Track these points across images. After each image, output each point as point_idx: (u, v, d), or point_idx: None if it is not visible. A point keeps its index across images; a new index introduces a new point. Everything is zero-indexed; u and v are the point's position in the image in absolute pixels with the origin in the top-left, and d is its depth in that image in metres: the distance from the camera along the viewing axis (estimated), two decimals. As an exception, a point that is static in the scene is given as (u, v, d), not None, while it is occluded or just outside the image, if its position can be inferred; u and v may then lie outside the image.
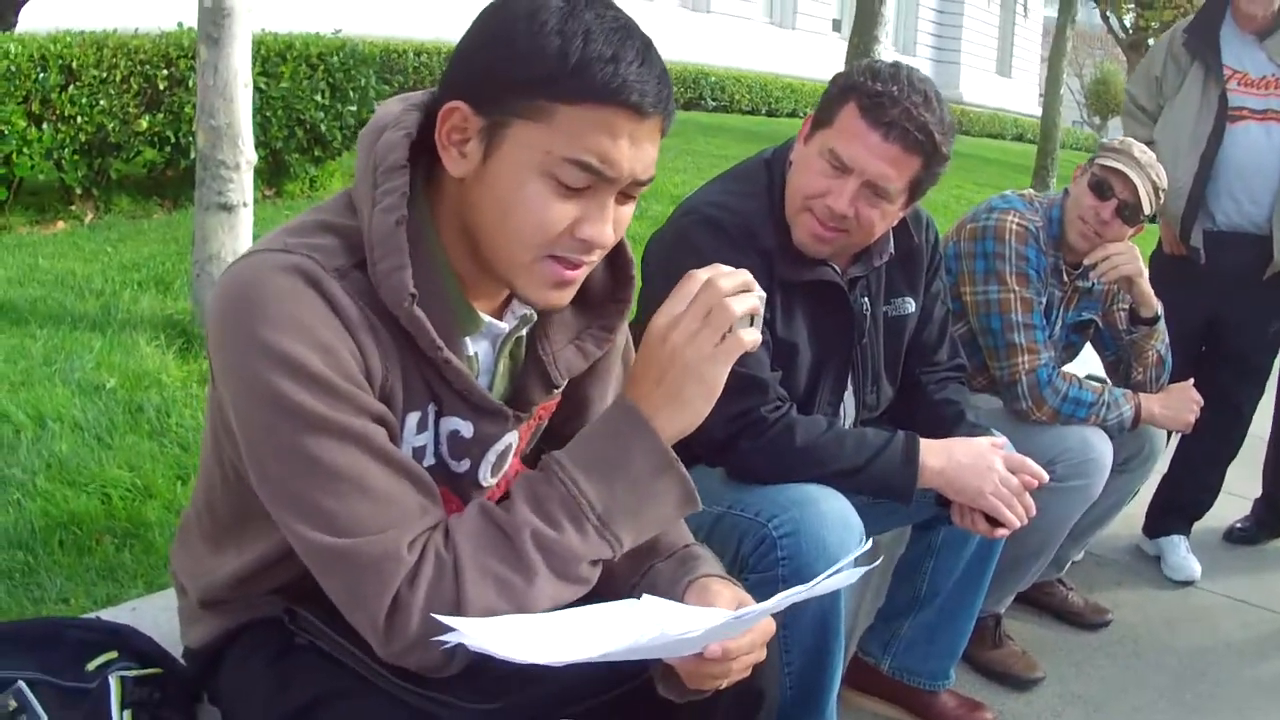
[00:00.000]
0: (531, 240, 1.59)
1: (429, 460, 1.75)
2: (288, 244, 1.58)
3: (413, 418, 1.69)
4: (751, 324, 1.64)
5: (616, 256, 1.86)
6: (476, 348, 1.76)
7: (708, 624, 1.54)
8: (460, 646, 1.46)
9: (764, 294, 1.66)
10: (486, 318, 1.74)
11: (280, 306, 1.52)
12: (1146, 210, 3.55)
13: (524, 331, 1.82)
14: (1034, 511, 2.72)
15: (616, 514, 1.61)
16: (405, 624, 1.52)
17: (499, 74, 1.54)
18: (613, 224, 1.63)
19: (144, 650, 2.02)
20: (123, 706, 1.84)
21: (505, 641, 1.43)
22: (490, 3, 1.61)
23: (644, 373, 1.64)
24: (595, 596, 1.74)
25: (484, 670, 1.53)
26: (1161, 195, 3.60)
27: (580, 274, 1.67)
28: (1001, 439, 2.83)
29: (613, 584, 1.80)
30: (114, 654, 1.96)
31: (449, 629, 1.45)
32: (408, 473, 1.60)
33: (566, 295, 1.69)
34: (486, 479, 1.84)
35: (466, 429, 1.75)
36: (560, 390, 1.92)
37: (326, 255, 1.57)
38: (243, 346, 1.53)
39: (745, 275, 1.63)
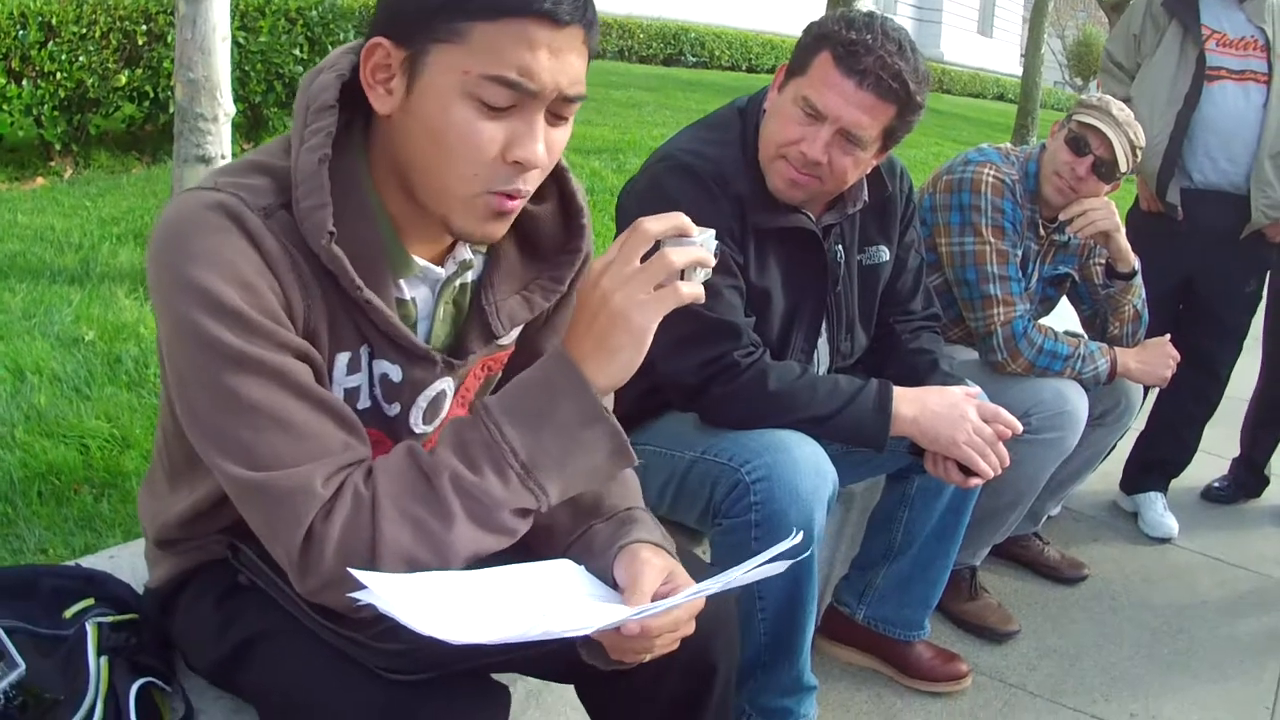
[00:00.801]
0: (464, 168, 1.56)
1: (364, 402, 1.75)
2: (217, 183, 1.58)
3: (342, 358, 1.69)
4: (697, 275, 1.58)
5: (569, 205, 1.85)
6: (415, 293, 1.75)
7: (599, 623, 1.52)
8: (358, 600, 1.45)
9: (711, 243, 1.60)
10: (422, 262, 1.72)
11: (202, 242, 1.51)
12: (1123, 168, 3.55)
13: (470, 279, 1.81)
14: (1008, 462, 2.74)
15: (541, 463, 1.57)
16: (319, 559, 1.51)
17: (412, 3, 1.53)
18: (545, 145, 1.59)
19: (120, 596, 2.02)
20: (99, 652, 1.84)
21: (411, 608, 1.40)
22: None
23: (578, 318, 1.60)
24: (533, 554, 1.74)
25: None
26: (1139, 153, 3.60)
27: (517, 205, 1.63)
28: (975, 388, 2.83)
29: (552, 541, 1.81)
30: (90, 601, 1.96)
31: (361, 585, 1.43)
32: (328, 409, 1.58)
33: (502, 227, 1.66)
34: (419, 425, 1.83)
35: (395, 373, 1.74)
36: (508, 342, 1.91)
37: (253, 194, 1.56)
38: (167, 282, 1.52)
39: (679, 218, 1.57)
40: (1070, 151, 3.55)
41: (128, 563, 2.33)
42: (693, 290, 1.56)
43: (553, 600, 1.62)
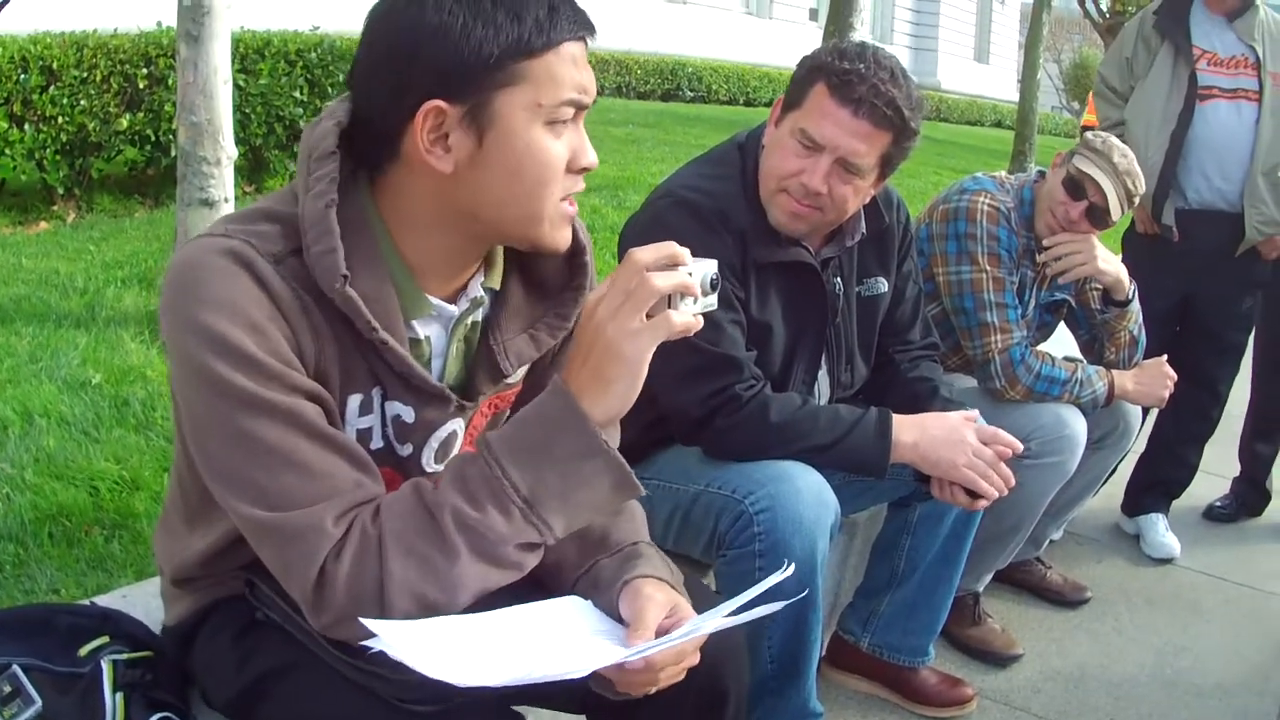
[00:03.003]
0: (546, 187, 1.66)
1: (376, 443, 1.77)
2: (228, 229, 1.62)
3: (354, 400, 1.72)
4: (687, 305, 1.60)
5: (571, 244, 1.87)
6: (428, 331, 1.78)
7: (597, 663, 1.56)
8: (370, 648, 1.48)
9: (711, 272, 1.63)
10: (436, 301, 1.76)
11: (214, 288, 1.55)
12: (1114, 217, 3.59)
13: (480, 316, 1.84)
14: (1012, 482, 2.76)
15: (544, 498, 1.58)
16: (332, 596, 1.54)
17: (464, 60, 1.57)
18: None
19: (135, 634, 2.03)
20: (115, 689, 1.86)
21: (420, 655, 1.44)
22: (378, 13, 1.65)
23: (575, 353, 1.62)
24: (542, 588, 1.77)
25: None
26: (1135, 200, 3.64)
27: (575, 207, 1.74)
28: (973, 412, 2.85)
29: (560, 575, 1.83)
30: (105, 638, 1.97)
31: (371, 633, 1.47)
32: (340, 449, 1.62)
33: (570, 232, 1.77)
34: (430, 465, 1.85)
35: (408, 414, 1.77)
36: (515, 380, 1.94)
37: (263, 240, 1.61)
38: (180, 327, 1.57)
39: (671, 247, 1.60)
40: (1066, 193, 3.59)
41: (141, 601, 2.34)
42: (684, 320, 1.57)
43: (558, 639, 1.65)
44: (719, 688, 1.86)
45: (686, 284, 1.59)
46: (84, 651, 1.93)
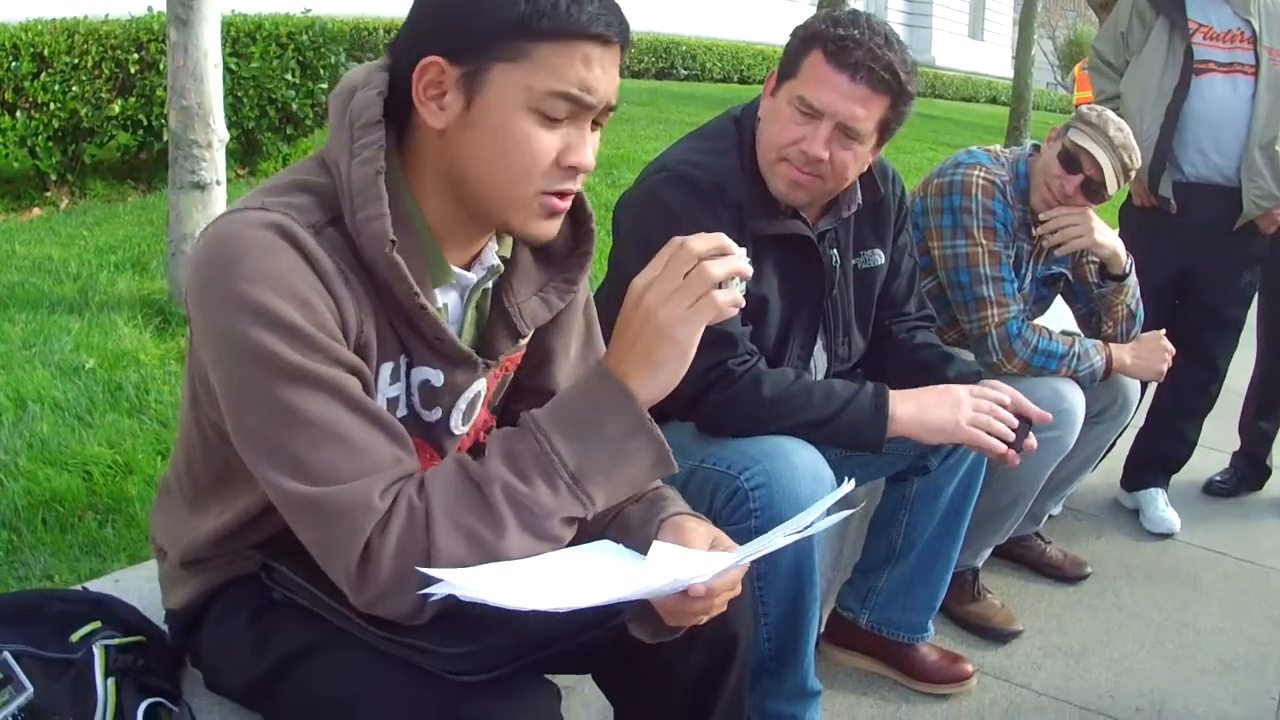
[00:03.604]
0: (525, 175, 1.66)
1: (402, 411, 1.79)
2: (265, 203, 1.62)
3: (386, 368, 1.74)
4: (734, 286, 1.66)
5: (576, 211, 1.90)
6: (446, 299, 1.80)
7: (714, 569, 1.60)
8: (433, 594, 1.49)
9: (746, 256, 1.67)
10: (456, 269, 1.79)
11: (257, 261, 1.55)
12: (1111, 191, 3.57)
13: (490, 284, 1.86)
14: (1015, 424, 2.76)
15: (589, 472, 1.63)
16: (376, 571, 1.55)
17: (473, 23, 1.60)
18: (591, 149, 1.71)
19: (127, 619, 2.03)
20: (107, 675, 1.85)
21: (497, 589, 1.46)
22: None
23: (621, 336, 1.67)
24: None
25: (455, 615, 1.56)
26: (1131, 175, 3.62)
27: (567, 204, 1.74)
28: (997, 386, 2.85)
29: (585, 525, 1.82)
30: (97, 624, 1.96)
31: (433, 579, 1.48)
32: (381, 423, 1.62)
33: (556, 226, 1.76)
34: (458, 427, 1.88)
35: (437, 378, 1.79)
36: (526, 341, 1.97)
37: (302, 212, 1.62)
38: (221, 301, 1.56)
39: (721, 238, 1.65)
40: (1062, 167, 3.57)
41: (133, 586, 2.33)
42: (729, 297, 1.64)
43: (609, 571, 1.69)
44: (728, 630, 1.89)
45: (741, 269, 1.65)
46: (76, 637, 1.93)
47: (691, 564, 1.65)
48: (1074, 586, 4.21)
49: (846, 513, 1.76)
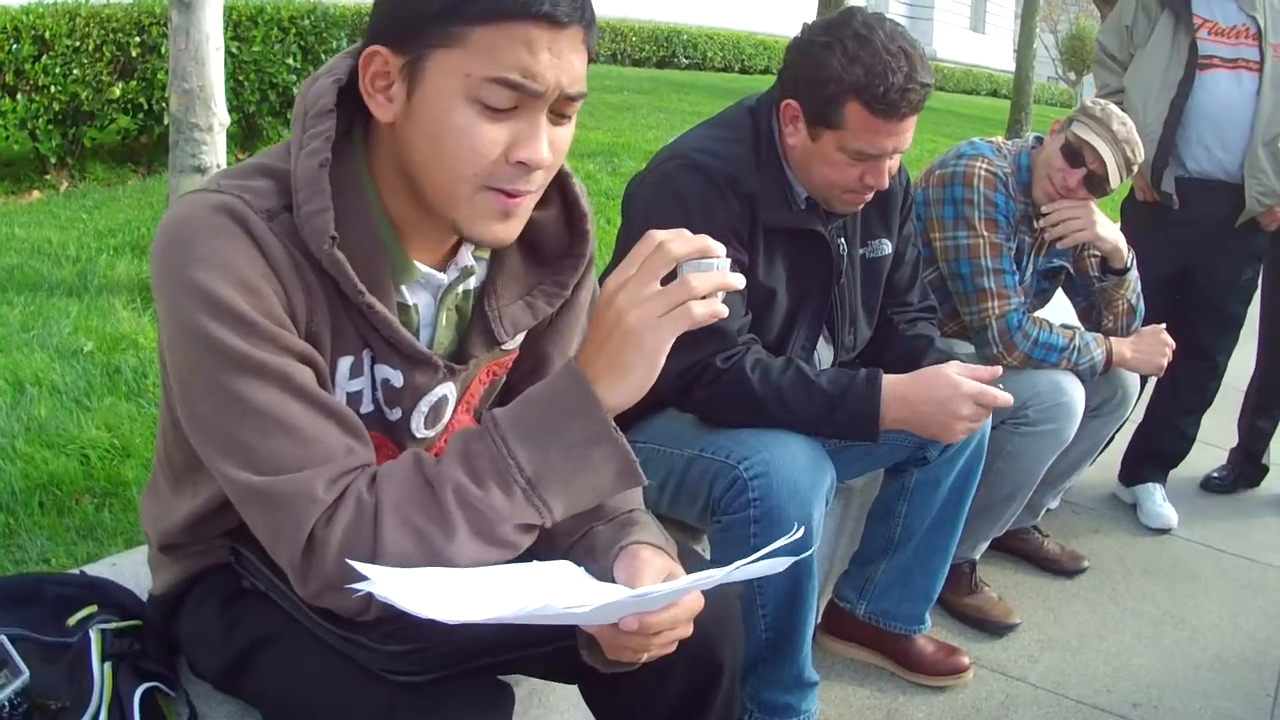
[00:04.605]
0: (467, 169, 1.56)
1: (366, 406, 1.75)
2: (220, 184, 1.58)
3: (345, 361, 1.69)
4: (714, 298, 1.56)
5: (571, 210, 1.84)
6: (417, 299, 1.75)
7: (599, 600, 1.51)
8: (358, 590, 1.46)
9: (729, 266, 1.58)
10: (424, 268, 1.72)
11: (206, 245, 1.52)
12: (1113, 185, 3.55)
13: (472, 285, 1.81)
14: (1011, 398, 2.75)
15: (547, 479, 1.56)
16: (320, 564, 1.52)
17: (409, 9, 1.53)
18: (549, 144, 1.59)
19: (123, 603, 2.02)
20: (103, 659, 1.84)
21: (410, 596, 1.40)
22: None
23: (592, 336, 1.59)
24: (533, 555, 1.71)
25: (401, 614, 1.46)
26: (1133, 169, 3.60)
27: (523, 204, 1.63)
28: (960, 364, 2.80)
29: (553, 543, 1.79)
30: (94, 608, 1.95)
31: (362, 576, 1.44)
32: (331, 413, 1.59)
33: (513, 229, 1.65)
34: (421, 430, 1.82)
35: (396, 377, 1.74)
36: (512, 347, 1.91)
37: (257, 196, 1.57)
38: (172, 284, 1.53)
39: (705, 240, 1.55)
40: (1065, 160, 3.56)
41: (130, 570, 2.33)
42: (706, 310, 1.54)
43: (549, 592, 1.60)
44: (713, 657, 1.84)
45: (726, 282, 1.55)
46: (72, 621, 1.92)
47: (577, 592, 1.58)
48: (1071, 580, 4.21)
49: (789, 560, 1.62)
